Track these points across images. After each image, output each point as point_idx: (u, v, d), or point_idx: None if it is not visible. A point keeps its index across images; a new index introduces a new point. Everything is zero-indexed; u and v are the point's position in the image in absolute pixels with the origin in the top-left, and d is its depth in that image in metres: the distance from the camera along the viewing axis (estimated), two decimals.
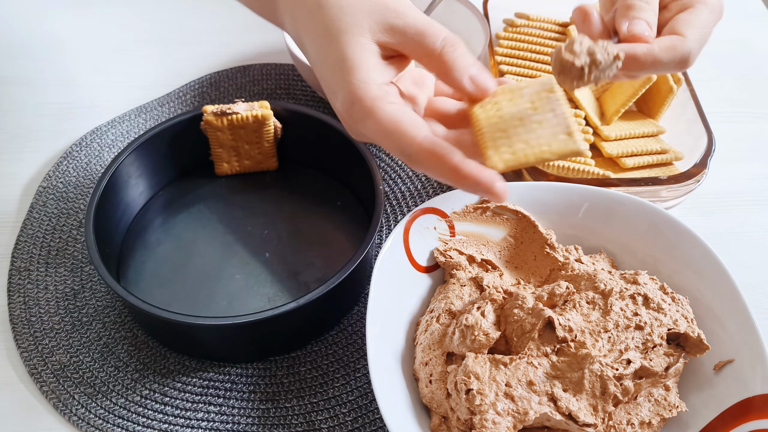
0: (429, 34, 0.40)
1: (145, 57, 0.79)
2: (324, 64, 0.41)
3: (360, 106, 0.39)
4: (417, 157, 0.38)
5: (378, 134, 0.39)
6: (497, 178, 0.38)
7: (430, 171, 0.39)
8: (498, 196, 0.38)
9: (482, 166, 0.38)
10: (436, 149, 0.38)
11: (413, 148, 0.38)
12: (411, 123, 0.39)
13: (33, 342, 0.55)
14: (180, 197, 0.64)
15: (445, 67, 0.40)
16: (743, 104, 0.76)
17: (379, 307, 0.49)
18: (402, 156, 0.39)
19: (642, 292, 0.49)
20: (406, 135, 0.38)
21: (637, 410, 0.46)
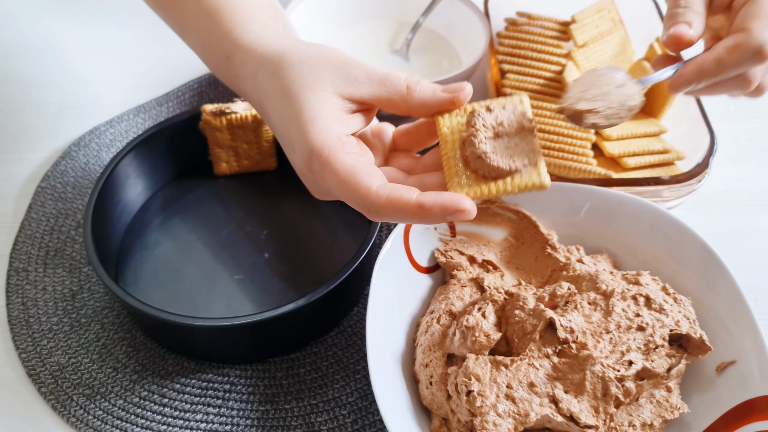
0: (392, 76, 0.41)
1: (143, 56, 0.79)
2: (283, 121, 0.41)
3: (317, 156, 0.39)
4: (376, 207, 0.38)
5: (337, 186, 0.39)
6: (461, 196, 0.37)
7: (394, 217, 0.38)
8: (468, 212, 0.37)
9: (442, 193, 0.38)
10: (393, 194, 0.38)
11: (370, 198, 0.38)
12: (366, 173, 0.38)
13: (31, 343, 0.55)
14: (179, 197, 0.64)
15: (413, 99, 0.41)
16: (745, 104, 0.76)
17: (379, 308, 0.49)
18: (363, 209, 0.39)
19: (644, 293, 0.49)
20: (361, 185, 0.38)
21: (639, 411, 0.46)
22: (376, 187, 0.38)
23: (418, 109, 0.41)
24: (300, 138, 0.40)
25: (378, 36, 0.77)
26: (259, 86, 0.43)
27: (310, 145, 0.39)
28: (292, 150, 0.41)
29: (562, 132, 0.65)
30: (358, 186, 0.38)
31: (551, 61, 0.71)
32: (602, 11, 0.73)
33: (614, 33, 0.73)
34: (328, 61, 0.41)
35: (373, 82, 0.41)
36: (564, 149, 0.64)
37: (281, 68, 0.42)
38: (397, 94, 0.41)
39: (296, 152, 0.41)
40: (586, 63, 0.71)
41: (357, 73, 0.41)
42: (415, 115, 0.42)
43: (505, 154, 0.39)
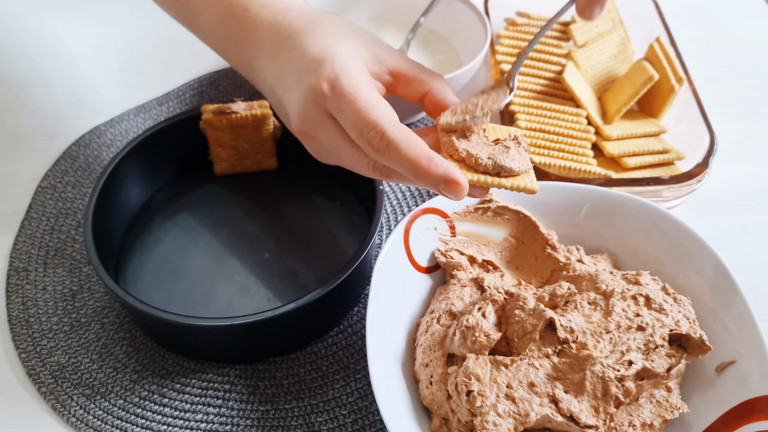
0: (424, 66, 0.44)
1: (143, 56, 0.79)
2: (310, 51, 0.41)
3: (346, 78, 0.39)
4: (388, 140, 0.38)
5: (354, 113, 0.38)
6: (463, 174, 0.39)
7: (399, 159, 0.38)
8: (463, 187, 0.38)
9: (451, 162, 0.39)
10: (411, 135, 0.38)
11: (390, 127, 0.38)
12: (390, 108, 0.39)
13: (31, 343, 0.55)
14: (179, 197, 0.64)
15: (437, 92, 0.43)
16: (745, 104, 0.76)
17: (379, 307, 0.49)
18: (375, 138, 0.38)
19: (644, 293, 0.49)
20: (385, 114, 0.38)
21: (639, 411, 0.46)
22: (396, 121, 0.38)
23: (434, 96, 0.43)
24: (332, 59, 0.40)
25: (378, 36, 0.77)
26: (294, 29, 0.43)
27: (342, 65, 0.39)
28: (311, 72, 0.40)
29: (562, 132, 0.65)
30: (381, 114, 0.38)
31: (551, 61, 0.71)
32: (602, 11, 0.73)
33: (614, 33, 0.73)
34: (369, 33, 0.44)
35: (406, 59, 0.43)
36: (564, 149, 0.64)
37: (325, 20, 0.43)
38: (427, 75, 0.43)
39: (316, 74, 0.40)
40: (586, 63, 0.71)
41: (392, 49, 0.44)
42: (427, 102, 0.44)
43: (508, 157, 0.42)
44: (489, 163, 0.41)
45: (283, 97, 0.44)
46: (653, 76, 0.65)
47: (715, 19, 0.86)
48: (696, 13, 0.86)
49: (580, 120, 0.66)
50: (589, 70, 0.71)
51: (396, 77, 0.43)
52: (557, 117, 0.66)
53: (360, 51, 0.42)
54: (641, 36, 0.73)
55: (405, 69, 0.43)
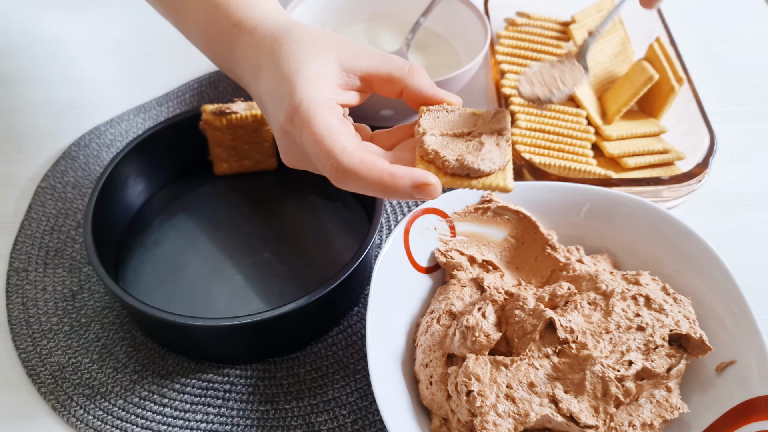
0: (395, 57, 0.43)
1: (143, 56, 0.79)
2: (277, 78, 0.42)
3: (304, 109, 0.39)
4: (346, 168, 0.38)
5: (313, 143, 0.39)
6: (430, 173, 0.38)
7: (362, 183, 0.38)
8: (434, 187, 0.38)
9: (412, 168, 0.38)
10: (367, 157, 0.38)
11: (344, 157, 0.38)
12: (345, 135, 0.39)
13: (31, 343, 0.55)
14: (179, 197, 0.64)
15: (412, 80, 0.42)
16: (745, 104, 0.76)
17: (379, 308, 0.49)
18: (332, 169, 0.39)
19: (644, 293, 0.49)
20: (337, 143, 0.38)
21: (639, 411, 0.46)
22: (350, 148, 0.38)
23: (411, 91, 0.43)
24: (290, 93, 0.40)
25: (378, 36, 0.77)
26: (262, 52, 0.44)
27: (299, 98, 0.40)
28: (279, 105, 0.41)
29: (562, 132, 0.65)
30: (334, 144, 0.38)
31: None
32: (602, 11, 0.73)
33: (614, 33, 0.73)
34: (334, 38, 0.43)
35: (376, 58, 0.43)
36: (564, 149, 0.64)
37: (289, 36, 0.43)
38: (399, 71, 0.43)
39: (282, 106, 0.41)
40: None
41: (360, 49, 0.43)
42: (406, 98, 0.43)
43: (478, 156, 0.40)
44: (456, 165, 0.40)
45: (270, 124, 0.45)
46: (653, 76, 0.65)
47: (715, 19, 0.86)
48: (696, 13, 0.86)
49: (580, 120, 0.66)
50: (589, 70, 0.71)
51: (367, 80, 0.43)
52: (557, 117, 0.66)
53: (324, 66, 0.42)
54: (641, 36, 0.73)
55: (374, 70, 0.43)
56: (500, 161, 0.40)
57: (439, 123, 0.42)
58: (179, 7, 0.51)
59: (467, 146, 0.41)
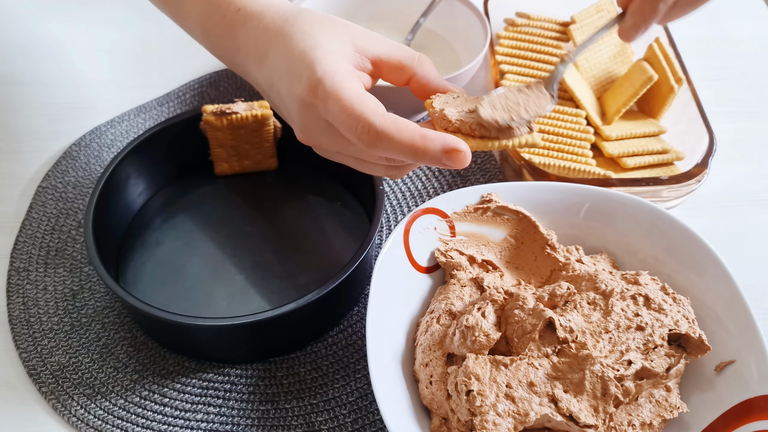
0: (405, 47, 0.44)
1: (144, 56, 0.79)
2: (292, 55, 0.42)
3: (329, 79, 0.39)
4: (377, 130, 0.38)
5: (340, 111, 0.39)
6: (461, 140, 0.39)
7: (392, 145, 0.38)
8: (465, 154, 0.39)
9: (444, 133, 0.39)
10: (399, 119, 0.39)
11: (376, 118, 0.38)
12: (374, 100, 0.40)
13: (32, 343, 0.55)
14: (179, 197, 0.64)
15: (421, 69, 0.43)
16: (745, 104, 0.76)
17: (379, 307, 0.49)
18: (363, 132, 0.39)
19: (643, 293, 0.49)
20: (370, 106, 0.39)
21: (638, 411, 0.46)
22: (382, 111, 0.39)
23: (419, 80, 0.44)
24: (311, 66, 0.40)
25: None
26: (273, 29, 0.43)
27: (322, 69, 0.40)
28: (298, 79, 0.41)
29: (561, 132, 0.65)
30: (365, 107, 0.39)
31: (551, 62, 0.71)
32: (602, 12, 0.74)
33: (614, 33, 0.73)
34: (345, 23, 0.44)
35: (387, 45, 0.44)
36: (563, 149, 0.64)
37: (301, 16, 0.43)
38: (409, 59, 0.43)
39: (302, 80, 0.41)
40: (585, 63, 0.71)
41: (372, 35, 0.44)
42: (413, 87, 0.44)
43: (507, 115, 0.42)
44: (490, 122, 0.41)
45: (280, 105, 0.45)
46: (652, 77, 0.65)
47: (714, 19, 0.86)
48: (695, 13, 0.86)
49: (580, 120, 0.67)
50: (588, 70, 0.71)
51: (378, 65, 0.44)
52: (557, 117, 0.66)
53: (340, 44, 0.42)
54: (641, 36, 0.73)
55: (385, 56, 0.43)
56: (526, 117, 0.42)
57: (450, 104, 0.43)
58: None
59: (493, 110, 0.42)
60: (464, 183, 0.67)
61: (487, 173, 0.68)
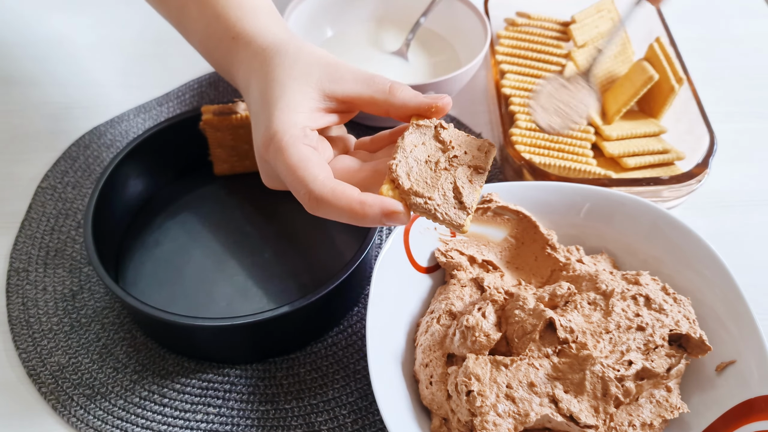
0: (377, 77, 0.44)
1: (143, 56, 0.79)
2: (260, 102, 0.43)
3: (277, 140, 0.41)
4: (317, 196, 0.39)
5: (286, 172, 0.41)
6: (398, 203, 0.40)
7: (333, 210, 0.40)
8: (403, 215, 0.39)
9: (382, 197, 0.40)
10: (338, 186, 0.40)
11: (315, 185, 0.40)
12: (317, 164, 0.40)
13: (31, 343, 0.55)
14: (179, 197, 0.64)
15: (395, 99, 0.43)
16: (745, 104, 0.76)
17: (379, 308, 0.49)
18: (305, 198, 0.40)
19: (643, 293, 0.49)
20: (309, 172, 0.40)
21: (639, 411, 0.46)
22: (322, 177, 0.40)
23: (397, 109, 0.43)
24: (267, 121, 0.42)
25: (378, 36, 0.77)
26: (253, 68, 0.45)
27: (274, 128, 0.41)
28: (258, 129, 0.43)
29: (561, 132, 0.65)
30: (306, 173, 0.40)
31: (551, 62, 0.71)
32: (602, 11, 0.73)
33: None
34: (320, 59, 0.44)
35: (358, 81, 0.44)
36: (564, 149, 0.64)
37: (278, 55, 0.44)
38: (381, 93, 0.43)
39: (260, 133, 0.43)
40: (585, 63, 0.71)
41: (344, 72, 0.44)
42: (393, 116, 0.44)
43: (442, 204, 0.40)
44: (421, 208, 0.40)
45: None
46: (653, 77, 0.65)
47: (714, 19, 0.86)
48: (696, 13, 0.86)
49: None
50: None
51: (349, 104, 0.44)
52: None
53: (302, 95, 0.43)
54: (641, 36, 0.73)
55: (356, 95, 0.44)
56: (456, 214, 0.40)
57: (420, 143, 0.42)
58: (180, 14, 0.52)
59: (439, 183, 0.41)
60: None
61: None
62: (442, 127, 0.42)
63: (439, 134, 0.42)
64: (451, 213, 0.40)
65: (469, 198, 0.41)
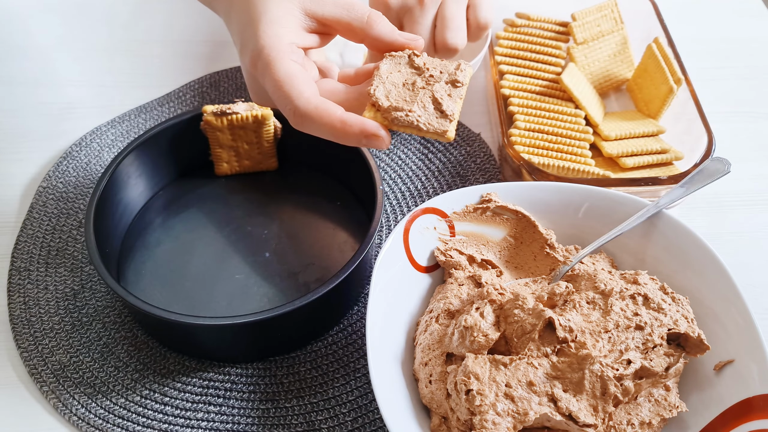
0: (357, 4, 0.45)
1: (144, 57, 0.79)
2: (243, 21, 0.44)
3: (265, 55, 0.42)
4: (302, 113, 0.41)
5: (273, 87, 0.41)
6: (380, 126, 0.41)
7: (316, 126, 0.41)
8: (383, 140, 0.41)
9: (364, 118, 0.41)
10: (322, 104, 0.41)
11: (300, 102, 0.41)
12: (303, 81, 0.42)
13: (33, 342, 0.55)
14: (180, 197, 0.64)
15: (372, 30, 0.44)
16: (743, 104, 0.76)
17: (379, 307, 0.49)
18: (290, 113, 0.41)
19: (642, 292, 0.49)
20: (295, 89, 0.41)
21: (638, 410, 0.46)
22: (307, 94, 0.41)
23: (372, 40, 0.45)
24: (254, 37, 0.43)
25: None
26: None
27: (261, 43, 0.42)
28: (245, 48, 0.44)
29: (560, 132, 0.65)
30: (292, 89, 0.41)
31: (550, 62, 0.72)
32: (604, 10, 0.74)
33: (616, 33, 0.73)
34: None
35: (338, 5, 0.45)
36: (562, 149, 0.64)
37: None
38: (358, 21, 0.45)
39: (248, 49, 0.43)
40: (584, 60, 0.71)
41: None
42: (368, 45, 0.45)
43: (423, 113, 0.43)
44: (402, 121, 0.42)
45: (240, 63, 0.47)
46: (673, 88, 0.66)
47: (713, 19, 0.86)
48: (694, 13, 0.87)
49: (579, 120, 0.67)
50: (586, 67, 0.71)
51: (328, 25, 0.45)
52: (556, 117, 0.67)
53: (287, 11, 0.44)
54: (639, 36, 0.74)
55: (336, 18, 0.45)
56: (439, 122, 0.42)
57: (396, 71, 0.44)
58: None
59: (418, 98, 0.43)
60: (464, 183, 0.67)
61: (487, 173, 0.68)
62: (416, 55, 0.44)
63: (413, 61, 0.44)
64: (434, 122, 0.42)
65: (450, 107, 0.42)
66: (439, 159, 0.69)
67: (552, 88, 0.70)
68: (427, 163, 0.68)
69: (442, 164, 0.68)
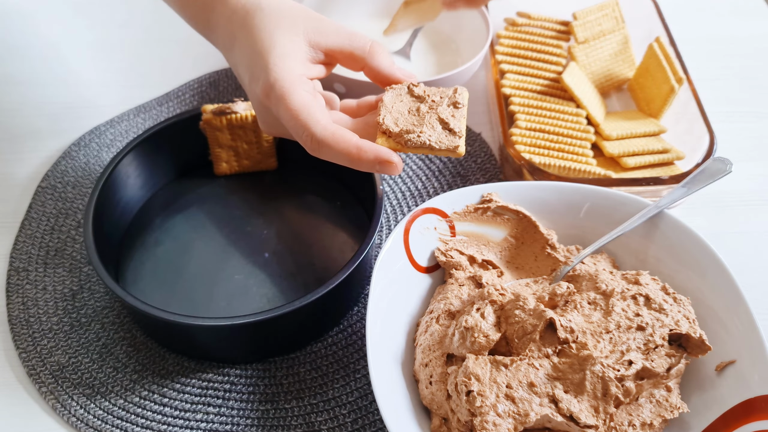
0: (359, 35, 0.47)
1: (143, 56, 0.79)
2: (251, 54, 0.45)
3: (279, 87, 0.43)
4: (319, 140, 0.43)
5: (288, 117, 0.43)
6: (393, 153, 0.43)
7: (332, 153, 0.43)
8: (396, 165, 0.43)
9: (379, 146, 0.43)
10: (338, 131, 0.43)
11: (317, 129, 0.43)
12: (318, 109, 0.44)
13: (31, 343, 0.55)
14: (179, 197, 0.64)
15: (372, 60, 0.47)
16: (745, 104, 0.76)
17: (379, 307, 0.49)
18: (307, 140, 0.43)
19: (643, 293, 0.49)
20: (312, 117, 0.43)
21: (639, 411, 0.46)
22: (324, 122, 0.43)
23: (371, 70, 0.47)
24: (265, 70, 0.44)
25: (378, 36, 0.77)
26: (235, 23, 0.47)
27: (274, 76, 0.44)
28: (256, 80, 0.45)
29: (561, 132, 0.65)
30: (309, 117, 0.43)
31: (551, 61, 0.71)
32: (605, 9, 0.73)
33: (617, 32, 0.73)
34: (303, 12, 0.47)
35: (341, 35, 0.47)
36: (564, 149, 0.64)
37: (260, 10, 0.46)
38: (360, 50, 0.47)
39: (259, 82, 0.45)
40: (585, 60, 0.71)
41: (327, 24, 0.47)
42: (367, 74, 0.48)
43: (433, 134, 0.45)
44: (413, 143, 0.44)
45: (245, 91, 0.49)
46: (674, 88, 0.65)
47: (714, 19, 0.86)
48: (696, 13, 0.86)
49: (580, 120, 0.66)
50: (588, 66, 0.71)
51: (331, 56, 0.47)
52: (557, 117, 0.66)
53: (294, 44, 0.45)
54: (641, 36, 0.73)
55: (337, 48, 0.47)
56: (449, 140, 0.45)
57: (399, 101, 0.46)
58: None
59: (426, 121, 0.45)
60: (464, 183, 0.67)
61: (487, 173, 0.67)
62: (414, 85, 0.47)
63: (413, 91, 0.47)
64: (444, 140, 0.45)
65: (457, 125, 0.45)
66: (440, 159, 0.69)
67: (553, 87, 0.70)
68: (428, 162, 0.68)
69: (442, 164, 0.68)
